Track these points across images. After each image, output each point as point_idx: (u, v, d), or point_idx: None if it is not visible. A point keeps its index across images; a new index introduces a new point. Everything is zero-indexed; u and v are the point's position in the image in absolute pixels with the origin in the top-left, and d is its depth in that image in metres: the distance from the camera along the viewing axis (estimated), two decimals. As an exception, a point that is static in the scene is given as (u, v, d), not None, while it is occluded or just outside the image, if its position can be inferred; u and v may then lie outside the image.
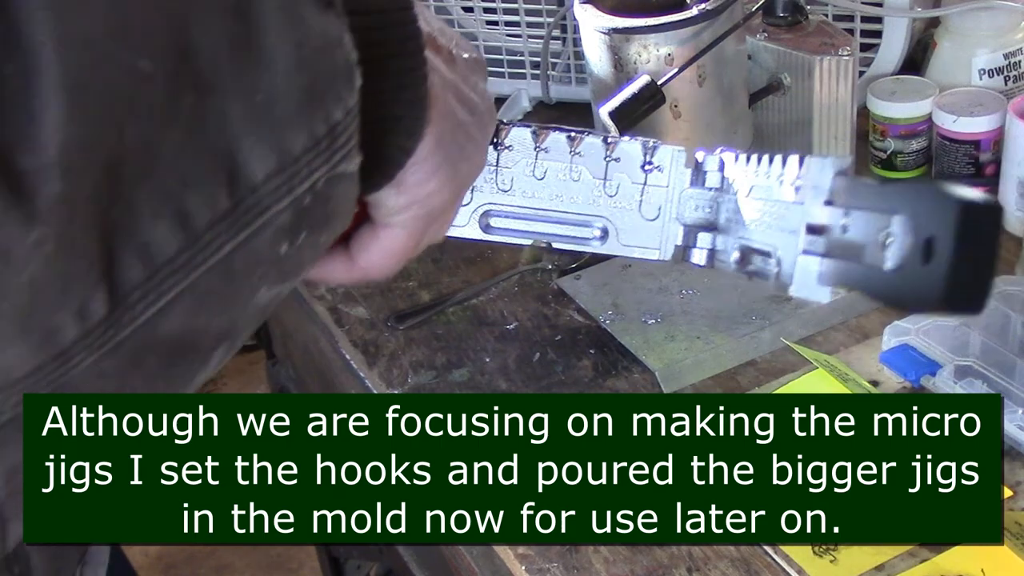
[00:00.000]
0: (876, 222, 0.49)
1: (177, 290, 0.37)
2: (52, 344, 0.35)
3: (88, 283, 0.35)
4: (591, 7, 0.85)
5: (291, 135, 0.39)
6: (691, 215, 0.63)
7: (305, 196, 0.40)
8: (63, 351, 0.36)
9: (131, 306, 0.36)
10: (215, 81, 0.37)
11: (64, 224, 0.34)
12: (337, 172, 0.41)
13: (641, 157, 0.64)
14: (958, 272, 0.46)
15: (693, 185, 0.63)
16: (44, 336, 0.35)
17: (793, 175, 0.57)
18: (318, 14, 0.40)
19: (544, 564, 0.76)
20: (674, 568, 0.75)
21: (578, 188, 0.65)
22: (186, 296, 0.38)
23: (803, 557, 0.74)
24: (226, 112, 0.37)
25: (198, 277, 0.38)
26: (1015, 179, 1.02)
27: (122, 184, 0.35)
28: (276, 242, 0.40)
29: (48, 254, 0.34)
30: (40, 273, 0.34)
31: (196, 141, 0.37)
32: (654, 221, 0.64)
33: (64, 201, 0.34)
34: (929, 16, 1.19)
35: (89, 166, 0.34)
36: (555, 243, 0.67)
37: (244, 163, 0.38)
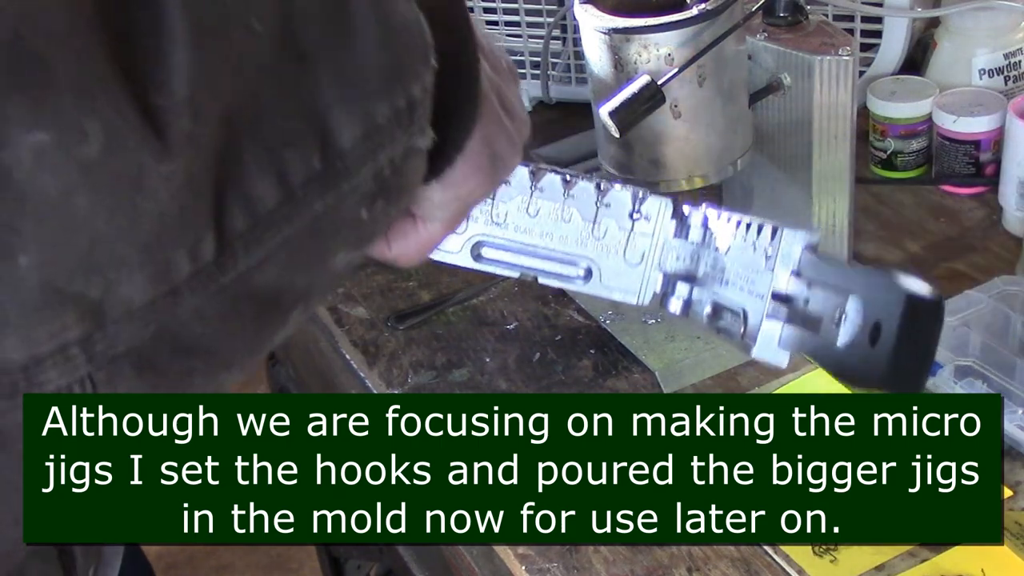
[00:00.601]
0: (834, 300, 0.54)
1: (273, 243, 0.39)
2: (167, 278, 0.37)
3: (202, 224, 0.37)
4: (591, 7, 0.85)
5: (375, 105, 0.41)
6: (672, 264, 0.66)
7: (384, 166, 0.42)
8: (175, 287, 0.37)
9: (234, 253, 0.38)
10: (311, 49, 0.39)
11: (189, 162, 0.36)
12: (412, 146, 0.43)
13: (630, 205, 0.67)
14: (900, 356, 0.51)
15: (677, 236, 0.67)
16: (162, 269, 0.36)
17: (766, 243, 0.61)
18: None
19: (544, 564, 0.76)
20: (674, 568, 0.75)
21: (568, 228, 0.69)
22: (279, 251, 0.40)
23: (803, 557, 0.74)
24: (319, 79, 0.40)
25: (291, 233, 0.40)
26: (1015, 179, 1.02)
27: (234, 135, 0.37)
28: (358, 207, 0.42)
29: (174, 189, 0.35)
30: (166, 206, 0.36)
31: (293, 103, 0.39)
32: (637, 267, 0.68)
33: (191, 140, 0.36)
34: (929, 16, 1.19)
35: (211, 111, 0.36)
36: (541, 278, 0.70)
37: (334, 128, 0.40)
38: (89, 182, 0.34)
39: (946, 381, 0.84)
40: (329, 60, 0.40)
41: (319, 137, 0.40)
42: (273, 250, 0.39)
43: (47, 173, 0.33)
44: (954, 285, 0.97)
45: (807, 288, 0.57)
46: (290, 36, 0.39)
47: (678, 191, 0.92)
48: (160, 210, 0.35)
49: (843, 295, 0.54)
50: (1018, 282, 0.92)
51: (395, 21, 0.42)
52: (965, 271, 1.01)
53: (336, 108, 0.40)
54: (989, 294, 0.91)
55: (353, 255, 0.44)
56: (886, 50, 1.19)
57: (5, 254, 0.34)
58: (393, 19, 0.42)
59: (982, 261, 1.02)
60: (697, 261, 0.65)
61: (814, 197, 0.93)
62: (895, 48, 1.19)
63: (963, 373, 0.85)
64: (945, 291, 0.96)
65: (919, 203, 1.11)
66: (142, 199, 0.35)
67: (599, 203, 0.67)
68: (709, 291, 0.64)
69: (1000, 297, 0.91)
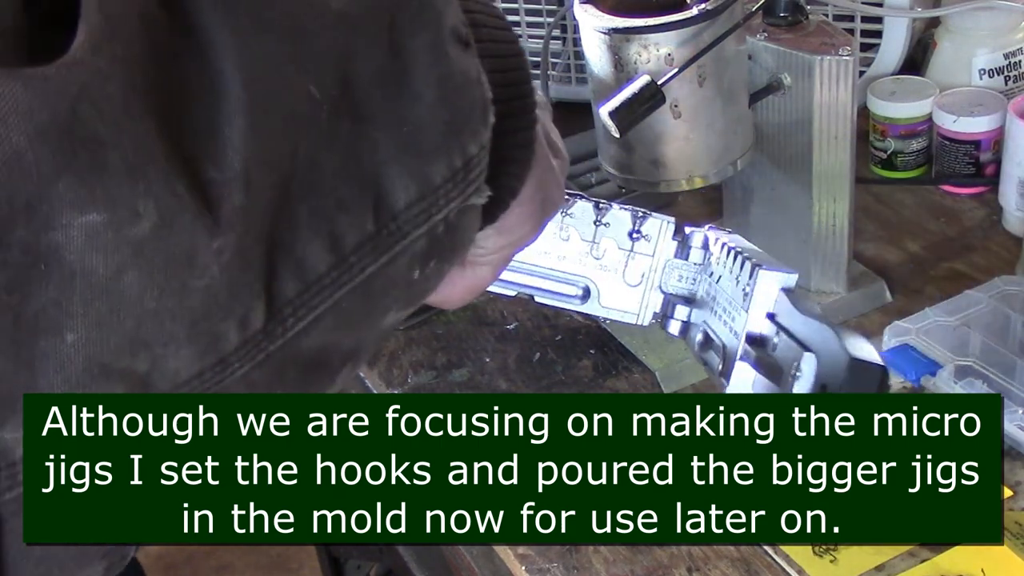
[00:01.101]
0: (794, 352, 0.54)
1: (323, 308, 0.39)
2: (216, 350, 0.36)
3: (252, 294, 0.37)
4: (591, 7, 0.85)
5: (432, 166, 0.41)
6: (674, 285, 0.66)
7: (439, 225, 0.42)
8: (224, 358, 0.37)
9: (284, 319, 0.38)
10: (369, 111, 0.39)
11: (241, 235, 0.35)
12: (468, 204, 0.43)
13: (630, 225, 0.67)
14: None
15: (678, 256, 0.66)
16: (210, 342, 0.36)
17: (745, 279, 0.60)
18: (461, 53, 0.41)
19: (544, 564, 0.76)
20: (674, 568, 0.75)
21: (566, 248, 0.69)
22: (328, 314, 0.39)
23: (803, 557, 0.74)
24: (376, 141, 0.39)
25: (341, 297, 0.39)
26: (1015, 179, 1.02)
27: (288, 201, 0.37)
28: (410, 268, 0.42)
29: (225, 262, 0.35)
30: (216, 280, 0.35)
31: (350, 166, 0.38)
32: (636, 287, 0.67)
33: (243, 213, 0.35)
34: (929, 16, 1.19)
35: (265, 182, 0.36)
36: (537, 297, 0.70)
37: (389, 190, 0.39)
38: (140, 262, 0.34)
39: (946, 381, 0.84)
40: (386, 121, 0.39)
41: (373, 199, 0.39)
42: (322, 314, 0.39)
43: (98, 253, 0.33)
44: (954, 285, 0.97)
45: (776, 334, 0.57)
46: (348, 99, 0.38)
47: (678, 191, 0.92)
48: (210, 284, 0.35)
49: (801, 350, 0.53)
50: (1018, 282, 0.92)
51: (455, 79, 0.41)
52: (965, 271, 1.01)
53: (391, 169, 0.39)
54: (989, 294, 0.91)
55: (403, 312, 0.44)
56: (886, 50, 1.19)
57: (52, 331, 0.34)
58: (454, 78, 0.41)
59: (982, 261, 1.02)
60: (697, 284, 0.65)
61: (814, 197, 0.94)
62: (895, 48, 1.19)
63: (963, 373, 0.85)
64: (945, 291, 0.96)
65: (919, 203, 1.11)
66: (192, 276, 0.35)
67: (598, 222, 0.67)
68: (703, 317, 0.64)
69: (1000, 297, 0.91)
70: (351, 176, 0.39)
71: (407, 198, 0.40)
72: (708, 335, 0.63)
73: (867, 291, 0.99)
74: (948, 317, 0.90)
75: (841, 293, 0.98)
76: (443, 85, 0.40)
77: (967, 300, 0.91)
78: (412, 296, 0.44)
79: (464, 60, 0.42)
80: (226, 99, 0.35)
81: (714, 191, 1.06)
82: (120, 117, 0.33)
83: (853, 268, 1.00)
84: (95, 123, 0.32)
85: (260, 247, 0.36)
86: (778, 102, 0.91)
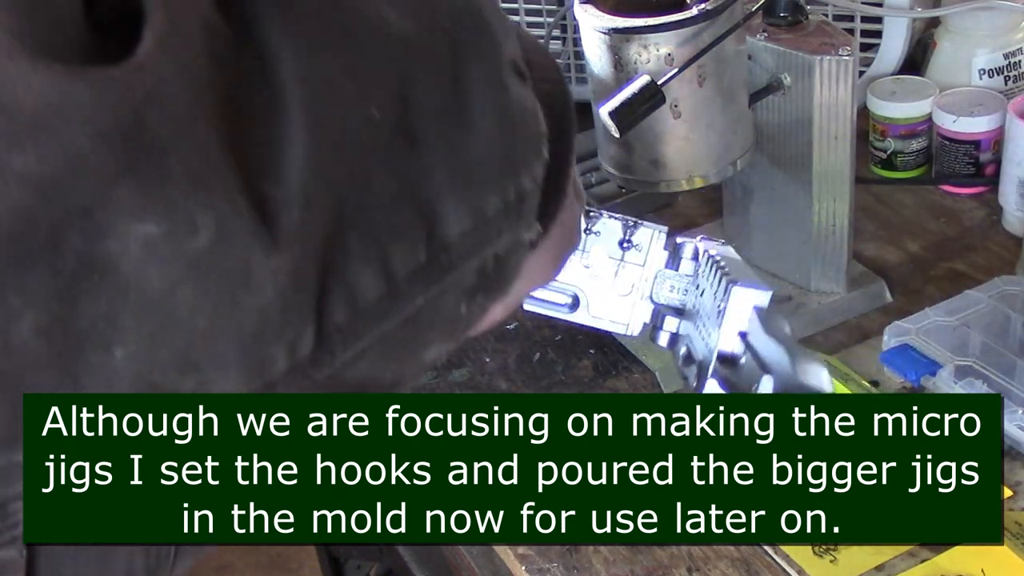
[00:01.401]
0: (756, 374, 0.53)
1: (370, 337, 0.38)
2: (263, 374, 0.36)
3: (303, 318, 0.36)
4: (591, 7, 0.85)
5: (486, 198, 0.40)
6: (666, 296, 0.66)
7: (489, 260, 0.41)
8: (270, 383, 0.36)
9: (332, 348, 0.37)
10: (426, 137, 0.38)
11: (297, 255, 0.34)
12: (518, 239, 0.42)
13: (620, 234, 0.66)
14: None
15: (669, 267, 0.65)
16: (259, 365, 0.35)
17: (720, 296, 0.59)
18: (518, 85, 0.41)
19: (544, 564, 0.76)
20: (674, 568, 0.75)
21: None
22: (376, 345, 0.38)
23: (803, 557, 0.74)
24: (432, 168, 0.38)
25: (389, 327, 0.38)
26: (1015, 179, 1.02)
27: (343, 225, 0.36)
28: (457, 302, 0.41)
29: (280, 283, 0.34)
30: (270, 300, 0.34)
31: (404, 192, 0.37)
32: (626, 297, 0.66)
33: (300, 233, 0.34)
34: (929, 16, 1.19)
35: (323, 202, 0.35)
36: (526, 304, 0.69)
37: (442, 220, 0.38)
38: (195, 276, 0.33)
39: (946, 381, 0.84)
40: (443, 148, 0.38)
41: (426, 228, 0.38)
42: (369, 345, 0.38)
43: (154, 266, 0.32)
44: (954, 285, 0.97)
45: (744, 353, 0.56)
46: (406, 124, 0.37)
47: (678, 191, 0.92)
48: (263, 305, 0.34)
49: (762, 371, 0.52)
50: (1018, 282, 0.92)
51: (513, 111, 0.40)
52: (965, 271, 1.01)
53: (446, 198, 0.38)
54: (989, 294, 0.91)
55: (445, 347, 0.43)
56: (886, 50, 1.19)
57: (101, 345, 0.33)
58: (511, 109, 0.40)
59: (982, 261, 1.02)
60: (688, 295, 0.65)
61: (814, 197, 0.94)
62: (895, 48, 1.19)
63: (963, 373, 0.85)
64: (945, 291, 0.96)
65: (919, 203, 1.11)
66: (246, 295, 0.34)
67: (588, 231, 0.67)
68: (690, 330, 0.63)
69: (1000, 297, 0.91)
70: (405, 203, 0.37)
71: (460, 229, 0.39)
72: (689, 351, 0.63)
73: (867, 291, 0.99)
74: (948, 317, 0.90)
75: (841, 293, 0.98)
76: (501, 116, 0.40)
77: (967, 300, 0.91)
78: (456, 331, 0.43)
79: (521, 92, 0.41)
80: (287, 116, 0.34)
81: (714, 191, 1.06)
82: (184, 125, 0.32)
83: (853, 268, 1.00)
84: (159, 129, 0.32)
85: (314, 269, 0.35)
86: (778, 102, 0.91)
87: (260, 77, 0.34)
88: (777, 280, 1.00)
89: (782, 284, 0.99)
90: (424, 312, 0.39)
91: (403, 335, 0.39)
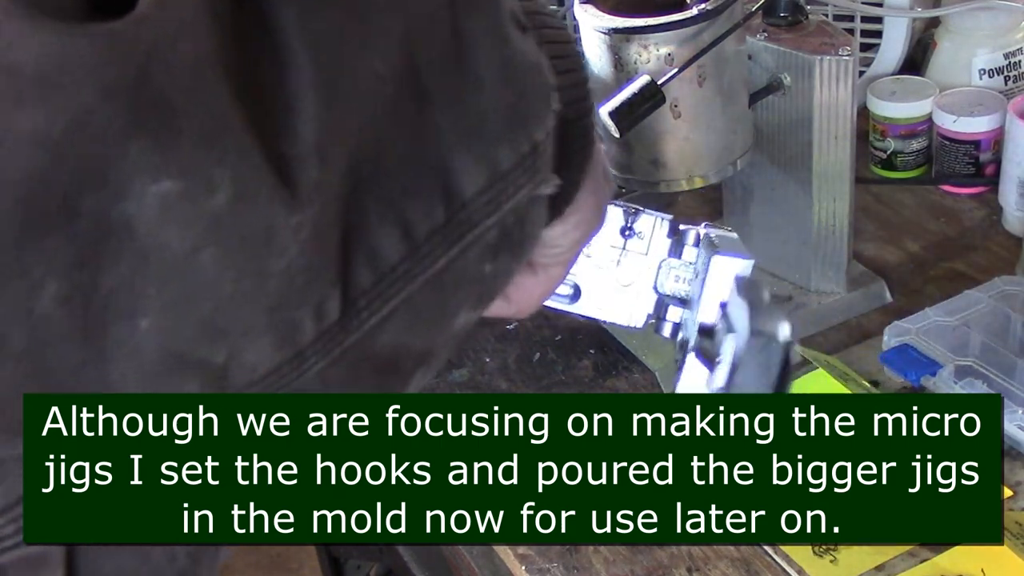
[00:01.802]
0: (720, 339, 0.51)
1: (396, 301, 0.37)
2: (293, 342, 0.35)
3: (328, 281, 0.35)
4: (591, 7, 0.85)
5: (499, 152, 0.39)
6: (671, 286, 0.64)
7: (509, 215, 0.40)
8: (300, 351, 0.35)
9: (358, 312, 0.36)
10: (432, 94, 0.37)
11: (318, 214, 0.34)
12: (536, 193, 0.41)
13: (622, 221, 0.65)
14: None
15: (672, 255, 0.64)
16: (288, 332, 0.34)
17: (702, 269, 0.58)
18: (520, 37, 0.40)
19: (544, 564, 0.76)
20: (674, 568, 0.75)
21: None
22: (402, 309, 0.38)
23: (803, 557, 0.74)
24: (440, 125, 0.37)
25: (414, 290, 0.38)
26: (1015, 179, 1.02)
27: (359, 185, 0.35)
28: (481, 261, 0.40)
29: (303, 243, 0.33)
30: (294, 262, 0.33)
31: (415, 151, 0.37)
32: (628, 287, 0.65)
33: (319, 189, 0.33)
34: (929, 16, 1.19)
35: (338, 160, 0.34)
36: None
37: (457, 177, 0.38)
38: (217, 238, 0.32)
39: (946, 381, 0.84)
40: (451, 103, 0.37)
41: (442, 186, 0.37)
42: (395, 308, 0.37)
43: (173, 227, 0.31)
44: (954, 285, 0.97)
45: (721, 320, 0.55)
46: (412, 78, 0.36)
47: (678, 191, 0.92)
48: (288, 267, 0.33)
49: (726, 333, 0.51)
50: (1018, 282, 0.92)
51: (518, 63, 0.40)
52: (965, 271, 1.01)
53: (458, 154, 0.38)
54: (989, 294, 0.91)
55: (474, 314, 0.42)
56: (886, 50, 1.19)
57: (125, 316, 0.31)
58: (516, 61, 0.39)
59: (982, 261, 1.02)
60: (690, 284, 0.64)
61: (814, 197, 0.94)
62: (895, 48, 1.19)
63: (963, 373, 0.85)
64: (945, 291, 0.96)
65: (919, 203, 1.11)
66: (271, 256, 0.33)
67: None
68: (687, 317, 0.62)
69: (1000, 297, 0.91)
70: (418, 161, 0.37)
71: (476, 185, 0.38)
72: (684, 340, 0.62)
73: (867, 291, 0.99)
74: (948, 317, 0.90)
75: (841, 293, 0.98)
76: (505, 68, 0.39)
77: (967, 300, 0.91)
78: (483, 294, 0.42)
79: (524, 44, 0.40)
80: (295, 72, 0.33)
81: (714, 191, 1.06)
82: (192, 80, 0.31)
83: (853, 268, 1.00)
84: (166, 84, 0.30)
85: (335, 230, 0.34)
86: (778, 102, 0.91)
87: (263, 33, 0.33)
88: (777, 280, 1.00)
89: (782, 284, 0.99)
90: (448, 273, 0.39)
91: (429, 298, 0.39)
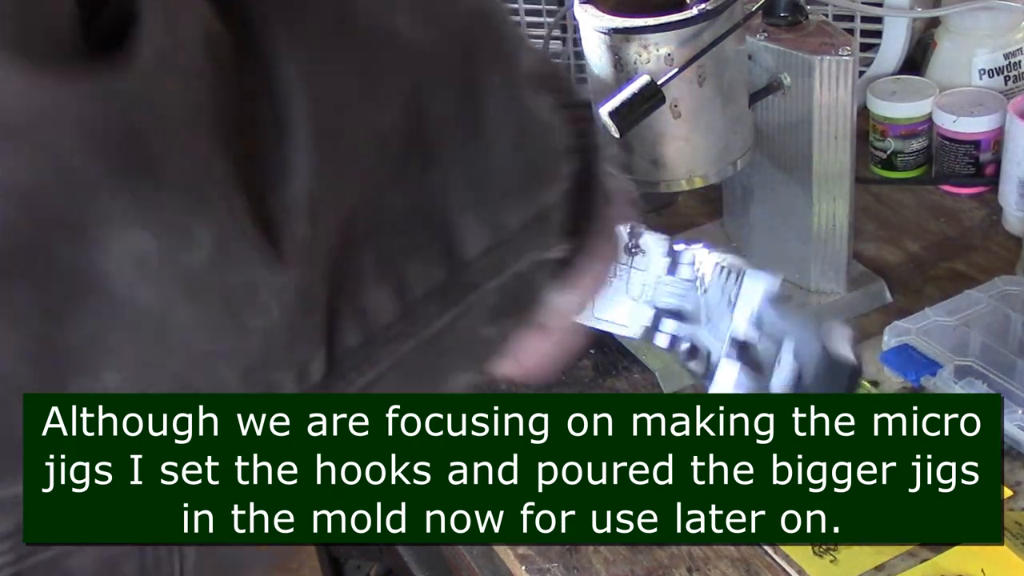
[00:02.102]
0: (776, 349, 0.57)
1: (386, 363, 0.36)
2: None
3: (312, 342, 0.34)
4: (591, 7, 0.85)
5: (506, 213, 0.38)
6: (665, 301, 0.67)
7: (512, 278, 0.39)
8: None
9: (344, 373, 0.35)
10: (440, 151, 0.36)
11: (304, 273, 0.33)
12: (543, 257, 0.40)
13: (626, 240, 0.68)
14: None
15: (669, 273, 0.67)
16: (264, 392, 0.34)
17: (731, 287, 0.63)
18: (535, 96, 0.39)
19: (544, 564, 0.76)
20: (674, 568, 0.75)
21: None
22: (392, 371, 0.37)
23: (803, 557, 0.74)
24: (447, 183, 0.36)
25: (406, 352, 0.37)
26: (1015, 179, 1.02)
27: (353, 242, 0.34)
28: (480, 324, 0.39)
29: (286, 303, 0.32)
30: (276, 322, 0.32)
31: (418, 209, 0.36)
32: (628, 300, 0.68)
33: (308, 248, 0.33)
34: (929, 16, 1.19)
35: (331, 218, 0.33)
36: None
37: (460, 237, 0.37)
38: (193, 295, 0.31)
39: (946, 381, 0.84)
40: (459, 163, 0.36)
41: (443, 246, 0.36)
42: (386, 370, 0.36)
43: (147, 283, 0.30)
44: (954, 285, 0.97)
45: (759, 334, 0.59)
46: (419, 137, 0.35)
47: (678, 191, 0.92)
48: (268, 327, 0.32)
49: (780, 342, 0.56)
50: (1018, 282, 0.92)
51: (531, 124, 0.38)
52: (965, 271, 1.01)
53: (464, 214, 0.36)
54: (989, 294, 0.91)
55: (471, 375, 0.41)
56: (886, 50, 1.19)
57: (89, 369, 0.31)
58: (529, 121, 0.38)
59: (982, 261, 1.02)
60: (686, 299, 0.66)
61: (814, 197, 0.94)
62: (895, 48, 1.19)
63: (963, 373, 0.85)
64: (945, 291, 0.96)
65: (919, 203, 1.11)
66: (249, 315, 0.32)
67: None
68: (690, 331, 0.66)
69: (1000, 297, 0.91)
70: (420, 219, 0.36)
71: (479, 246, 0.37)
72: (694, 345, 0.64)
73: (867, 291, 0.99)
74: (948, 317, 0.90)
75: (841, 293, 0.98)
76: (518, 128, 0.38)
77: (967, 300, 0.91)
78: (481, 357, 0.41)
79: (539, 103, 0.39)
80: (292, 128, 0.32)
81: (714, 191, 1.06)
82: (180, 132, 0.30)
83: (853, 268, 1.00)
84: (152, 135, 0.30)
85: (322, 289, 0.33)
86: (778, 102, 0.91)
87: (264, 85, 0.33)
88: (777, 280, 1.00)
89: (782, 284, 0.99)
90: (445, 336, 0.37)
91: (423, 360, 0.37)
